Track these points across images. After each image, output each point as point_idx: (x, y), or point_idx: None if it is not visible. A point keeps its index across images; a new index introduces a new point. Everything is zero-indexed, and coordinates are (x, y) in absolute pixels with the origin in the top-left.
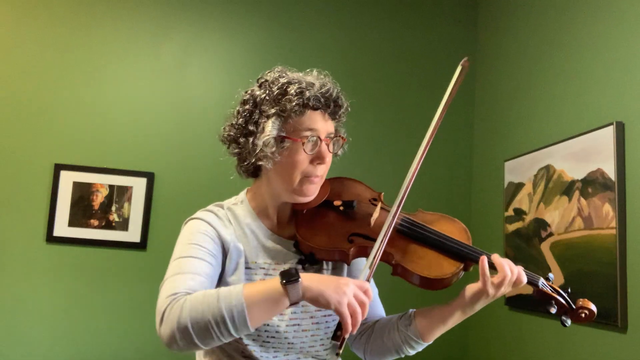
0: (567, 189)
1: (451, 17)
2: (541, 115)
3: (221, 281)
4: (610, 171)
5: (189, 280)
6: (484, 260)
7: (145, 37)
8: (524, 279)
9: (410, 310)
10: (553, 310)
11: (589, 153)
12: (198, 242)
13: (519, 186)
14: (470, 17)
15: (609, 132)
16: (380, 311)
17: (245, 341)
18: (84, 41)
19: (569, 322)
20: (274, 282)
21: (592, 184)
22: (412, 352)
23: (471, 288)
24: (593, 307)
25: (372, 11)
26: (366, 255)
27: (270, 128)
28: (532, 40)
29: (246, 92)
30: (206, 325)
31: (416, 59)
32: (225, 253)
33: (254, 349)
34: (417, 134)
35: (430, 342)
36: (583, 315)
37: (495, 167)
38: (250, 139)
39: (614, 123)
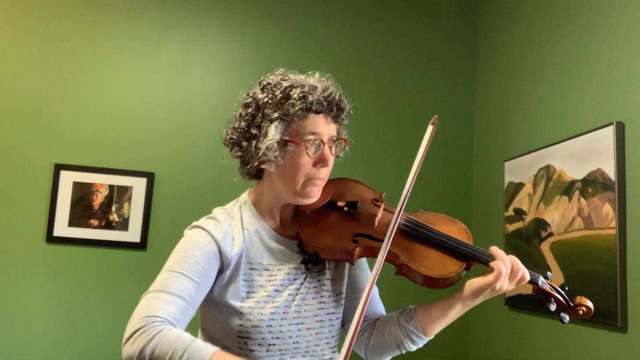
0: (567, 189)
1: (451, 17)
2: (541, 115)
3: (214, 294)
4: (610, 171)
5: (170, 305)
6: (498, 259)
7: (145, 37)
8: (527, 274)
9: (411, 305)
10: (553, 308)
11: (589, 153)
12: (193, 257)
13: (519, 186)
14: (470, 17)
15: (609, 132)
16: (380, 309)
17: (251, 347)
18: (84, 41)
19: (567, 318)
20: None
21: (592, 184)
22: (413, 348)
23: (475, 282)
24: (590, 304)
25: (373, 12)
26: (371, 256)
27: (273, 132)
28: (532, 40)
29: (248, 95)
30: None
31: (416, 60)
32: (222, 267)
33: (260, 354)
34: (416, 134)
35: (432, 337)
36: (581, 312)
37: (495, 167)
38: (253, 143)
39: (614, 123)
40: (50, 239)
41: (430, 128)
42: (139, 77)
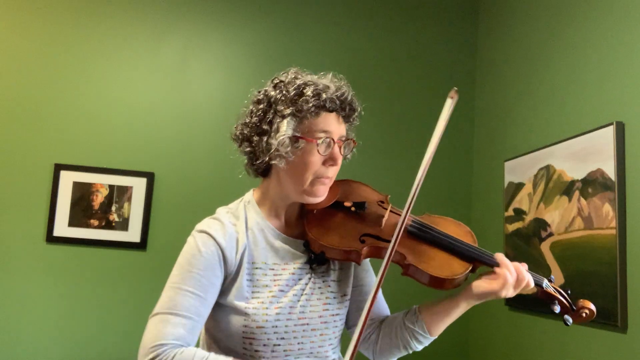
0: (567, 189)
1: (451, 17)
2: (541, 115)
3: (221, 299)
4: (610, 171)
5: (179, 328)
6: (507, 264)
7: (145, 37)
8: (532, 282)
9: (414, 306)
10: (557, 310)
11: (589, 153)
12: (198, 270)
13: (519, 186)
14: (470, 17)
15: (609, 132)
16: (385, 310)
17: (256, 347)
18: (84, 41)
19: (570, 321)
20: None
21: (592, 184)
22: (419, 347)
23: (481, 287)
24: (593, 307)
25: (372, 12)
26: (377, 256)
27: (285, 128)
28: (532, 41)
29: (259, 92)
30: None
31: (415, 60)
32: (226, 273)
33: (264, 355)
34: (420, 137)
35: (437, 336)
36: (584, 314)
37: (495, 167)
38: (264, 138)
39: (614, 123)
40: (50, 239)
41: (448, 102)
42: (139, 77)
